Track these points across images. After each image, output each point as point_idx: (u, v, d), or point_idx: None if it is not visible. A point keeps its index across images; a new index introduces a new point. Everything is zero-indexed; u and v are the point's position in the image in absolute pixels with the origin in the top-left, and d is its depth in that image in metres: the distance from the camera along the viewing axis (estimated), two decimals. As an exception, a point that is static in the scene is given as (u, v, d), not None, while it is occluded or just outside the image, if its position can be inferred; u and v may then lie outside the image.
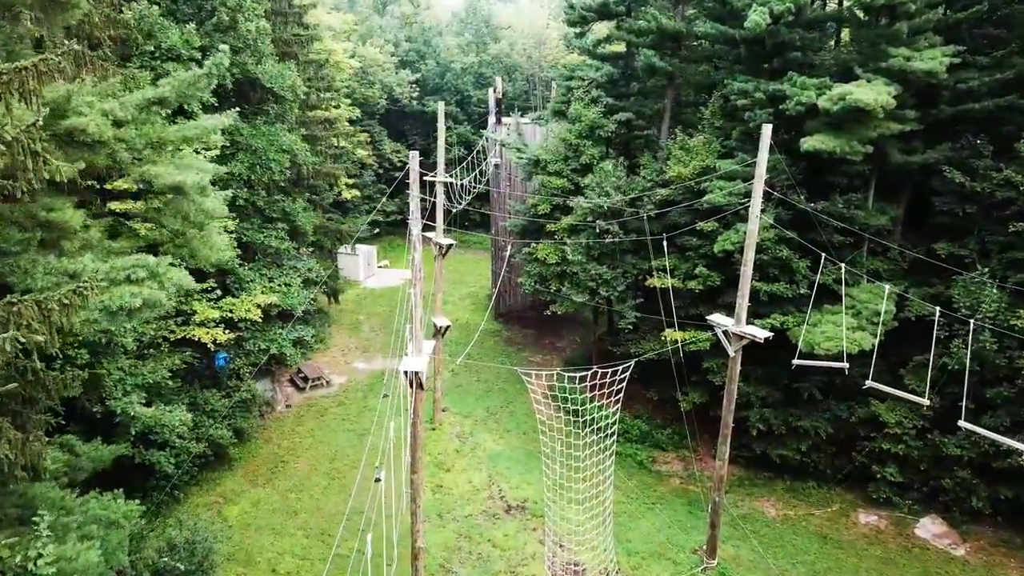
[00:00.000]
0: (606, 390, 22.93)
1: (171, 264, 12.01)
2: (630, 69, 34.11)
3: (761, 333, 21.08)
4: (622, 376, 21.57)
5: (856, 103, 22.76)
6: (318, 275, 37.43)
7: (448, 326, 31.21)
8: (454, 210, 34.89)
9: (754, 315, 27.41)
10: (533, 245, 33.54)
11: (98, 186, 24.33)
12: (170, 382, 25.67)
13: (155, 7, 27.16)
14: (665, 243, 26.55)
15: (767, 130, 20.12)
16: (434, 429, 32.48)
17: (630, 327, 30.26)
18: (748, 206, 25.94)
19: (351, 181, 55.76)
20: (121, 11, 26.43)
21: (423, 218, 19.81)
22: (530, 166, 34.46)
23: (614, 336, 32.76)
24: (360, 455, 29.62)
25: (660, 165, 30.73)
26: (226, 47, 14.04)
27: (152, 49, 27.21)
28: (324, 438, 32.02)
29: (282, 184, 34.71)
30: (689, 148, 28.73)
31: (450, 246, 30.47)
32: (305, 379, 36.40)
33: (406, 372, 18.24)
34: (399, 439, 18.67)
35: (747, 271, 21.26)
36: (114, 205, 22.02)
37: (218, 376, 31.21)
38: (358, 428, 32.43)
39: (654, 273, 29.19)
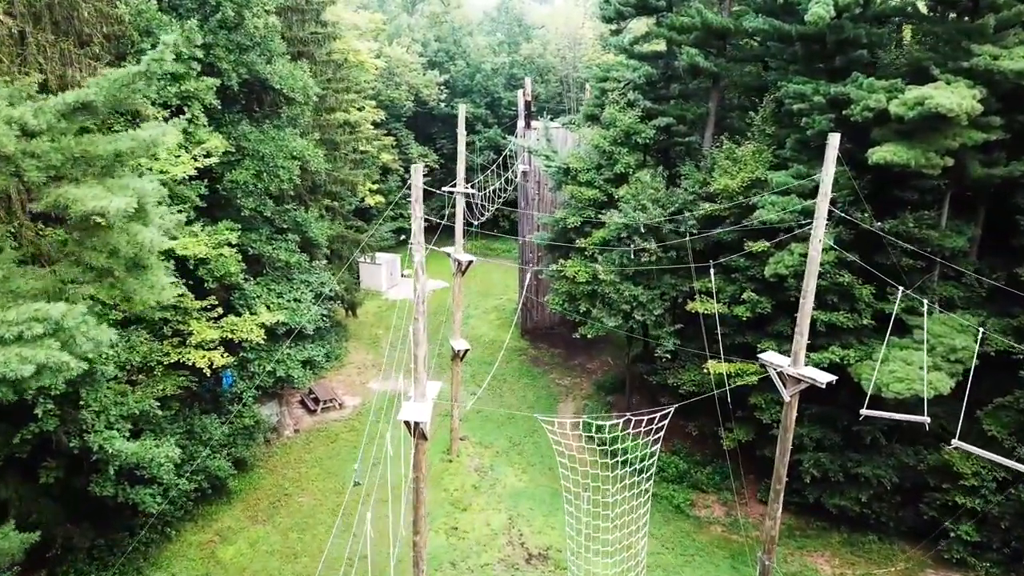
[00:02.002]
0: (643, 427, 20.15)
1: (95, 313, 9.56)
2: (670, 69, 31.15)
3: (823, 377, 18.05)
4: (659, 424, 18.73)
5: (936, 108, 19.61)
6: (333, 289, 35.10)
7: (467, 350, 28.61)
8: (475, 224, 32.35)
9: (810, 347, 24.31)
10: (561, 261, 30.73)
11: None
12: (159, 411, 23.40)
13: (152, 1, 24.98)
14: (712, 267, 23.55)
15: (834, 141, 17.10)
16: (451, 461, 29.88)
17: (668, 356, 27.29)
18: (806, 225, 22.98)
19: (375, 186, 53.53)
20: (115, 6, 24.29)
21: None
22: (559, 175, 31.68)
23: (650, 362, 29.83)
24: (370, 488, 27.13)
25: (703, 175, 27.75)
26: (170, 38, 11.58)
27: (149, 47, 24.95)
28: (332, 468, 29.60)
29: (291, 193, 32.42)
30: (737, 158, 25.73)
31: (470, 263, 27.83)
32: (316, 401, 34.06)
33: (406, 422, 15.62)
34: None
35: (807, 305, 18.25)
36: (29, 233, 18.69)
37: (220, 399, 28.98)
38: (368, 457, 29.93)
39: (696, 296, 26.24)
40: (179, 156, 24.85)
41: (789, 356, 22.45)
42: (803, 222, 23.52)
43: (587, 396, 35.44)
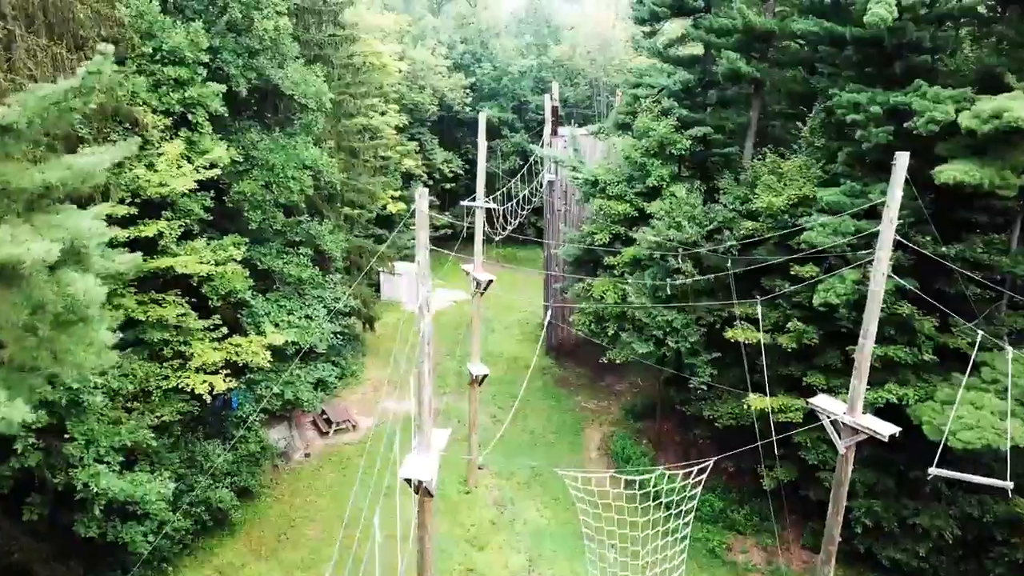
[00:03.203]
0: (680, 468, 18.13)
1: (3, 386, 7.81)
2: (707, 75, 28.98)
3: (885, 428, 15.85)
4: (697, 478, 16.68)
5: (1016, 123, 17.28)
6: (348, 304, 33.42)
7: (486, 375, 26.71)
8: (495, 239, 30.48)
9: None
10: (588, 280, 28.70)
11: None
12: (154, 442, 21.80)
13: (154, 2, 23.45)
14: (758, 300, 21.39)
15: (902, 161, 14.94)
16: (468, 492, 27.98)
17: (704, 387, 25.12)
18: (859, 249, 20.78)
19: (397, 193, 51.88)
20: (114, 7, 22.76)
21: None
22: (587, 187, 29.65)
23: (683, 389, 27.59)
24: (384, 523, 25.30)
25: (744, 190, 25.55)
26: (110, 47, 9.82)
27: (151, 51, 23.49)
28: (343, 496, 27.79)
29: (302, 205, 30.80)
30: (782, 173, 23.51)
31: (490, 282, 25.94)
32: (329, 422, 32.38)
33: (408, 480, 13.73)
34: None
35: (867, 346, 16.06)
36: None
37: (224, 423, 27.41)
38: (380, 486, 28.10)
39: (736, 323, 24.07)
40: (180, 167, 23.29)
41: (838, 393, 20.33)
42: (856, 245, 21.33)
43: (615, 422, 33.33)
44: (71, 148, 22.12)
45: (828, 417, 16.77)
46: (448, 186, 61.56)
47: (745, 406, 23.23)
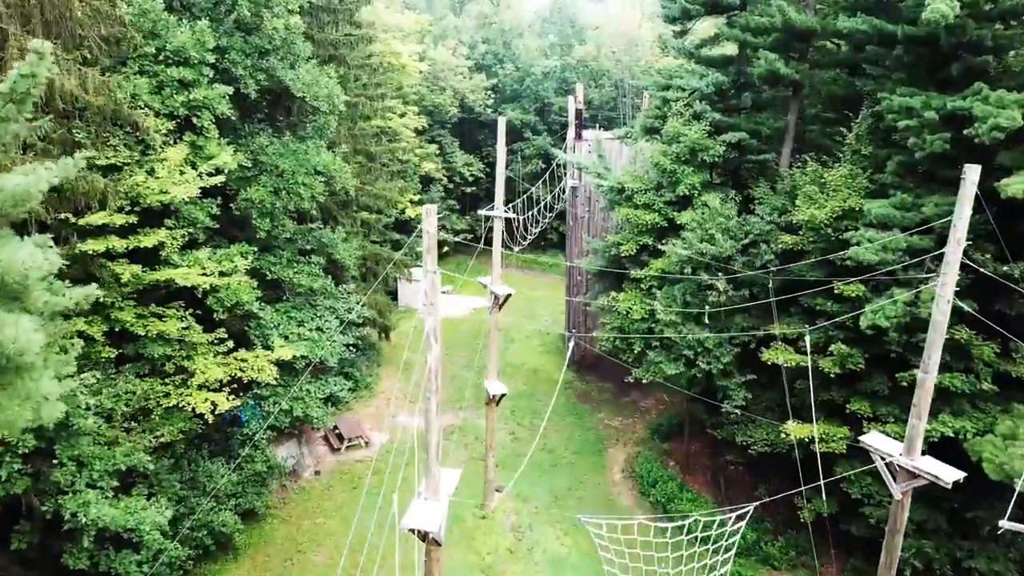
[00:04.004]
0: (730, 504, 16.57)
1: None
2: (742, 76, 27.29)
3: (948, 474, 14.11)
4: (736, 526, 15.09)
5: (1096, 130, 15.48)
6: (362, 315, 32.11)
7: (503, 394, 25.22)
8: (515, 249, 28.99)
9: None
10: (613, 294, 27.10)
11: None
12: (151, 465, 20.57)
13: (159, 0, 22.23)
14: (807, 329, 19.69)
15: (972, 175, 13.21)
16: (484, 517, 26.51)
17: (737, 411, 23.46)
18: (910, 266, 19.04)
19: (416, 197, 50.54)
20: (115, 4, 21.59)
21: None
22: (613, 194, 28.04)
23: (714, 411, 25.96)
24: (391, 549, 23.91)
25: (782, 200, 23.84)
26: (47, 44, 8.44)
27: (154, 51, 22.29)
28: (352, 518, 26.46)
29: (313, 212, 29.55)
30: (825, 183, 21.77)
31: (508, 296, 24.45)
32: (341, 438, 31.10)
33: (413, 530, 12.28)
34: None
35: (928, 380, 14.32)
36: None
37: (230, 441, 26.20)
38: (390, 506, 26.75)
39: (775, 341, 22.41)
40: (184, 173, 22.05)
41: (885, 422, 18.64)
42: (907, 262, 19.57)
43: (640, 441, 31.70)
44: (68, 154, 21.09)
45: (882, 459, 15.06)
46: (468, 190, 60.16)
47: (783, 434, 21.51)
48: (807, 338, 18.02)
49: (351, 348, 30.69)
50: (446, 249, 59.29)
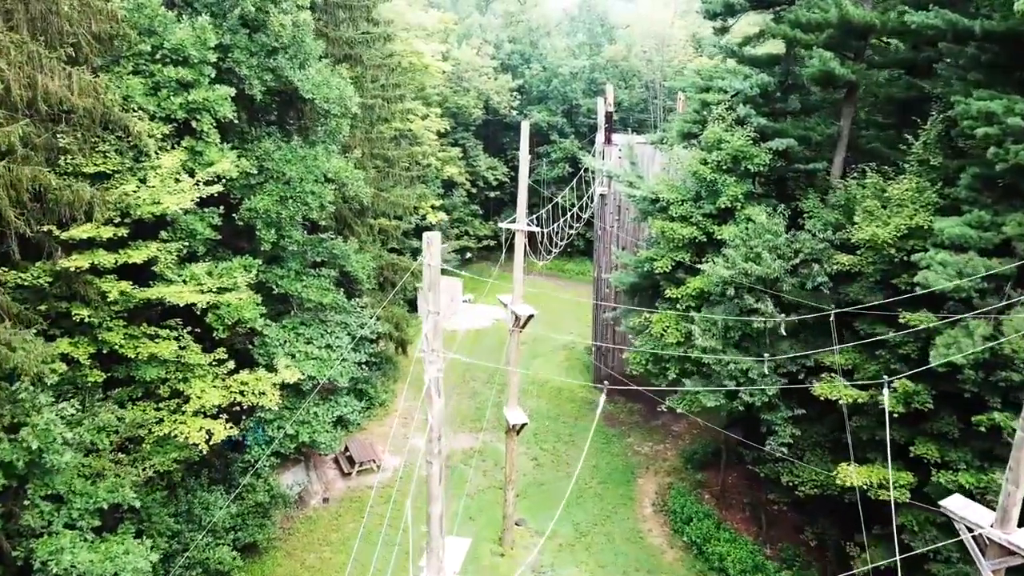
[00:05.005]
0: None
1: None
2: (790, 77, 24.98)
3: (1056, 554, 11.80)
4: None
5: None
6: (375, 331, 30.23)
7: (524, 424, 23.17)
8: (539, 264, 26.92)
9: (988, 456, 17.96)
10: (646, 315, 24.93)
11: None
12: (137, 502, 18.77)
13: (155, -5, 20.51)
14: (888, 381, 17.37)
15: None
16: (503, 555, 24.46)
17: (784, 449, 21.17)
18: (989, 295, 16.66)
19: (438, 203, 48.71)
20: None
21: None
22: (646, 205, 25.86)
23: (757, 451, 23.62)
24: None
25: (835, 215, 21.51)
26: None
27: (150, 49, 20.56)
28: (362, 553, 24.52)
29: (323, 222, 27.77)
30: (889, 197, 19.40)
31: (530, 317, 22.40)
32: (352, 461, 29.25)
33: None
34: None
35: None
36: None
37: (231, 468, 24.47)
38: (404, 540, 24.83)
39: (827, 373, 20.12)
40: (179, 181, 20.26)
41: (956, 469, 16.36)
42: (985, 289, 17.21)
43: (671, 470, 29.45)
44: (51, 160, 19.43)
45: (968, 528, 12.77)
46: (492, 194, 58.21)
47: (838, 479, 19.19)
48: (886, 392, 15.59)
49: (364, 366, 28.80)
50: (469, 255, 57.49)
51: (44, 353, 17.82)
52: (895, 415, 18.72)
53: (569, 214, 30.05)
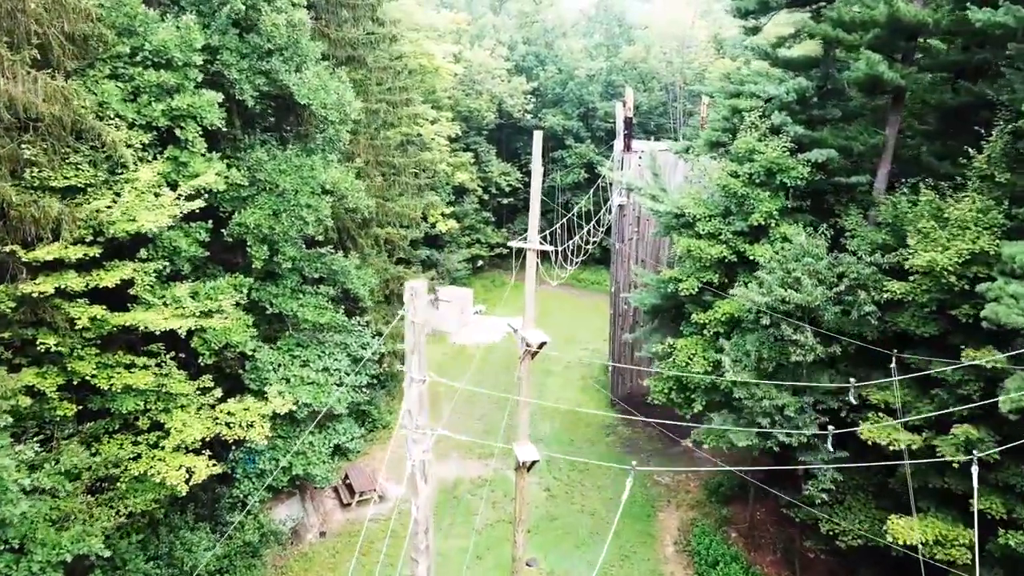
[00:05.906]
0: None
1: None
2: (828, 81, 22.88)
3: None
4: None
5: None
6: (377, 352, 28.37)
7: (535, 461, 21.06)
8: (554, 283, 24.99)
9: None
10: (670, 340, 22.90)
11: None
12: (106, 552, 16.98)
13: (136, -8, 18.73)
14: (971, 458, 15.26)
15: None
16: (512, 601, 22.44)
17: (824, 494, 19.07)
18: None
19: (448, 210, 46.89)
20: (80, -3, 18.08)
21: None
22: (670, 219, 23.83)
23: (787, 483, 21.61)
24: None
25: (881, 235, 19.39)
26: None
27: (129, 51, 18.78)
28: (359, 595, 22.76)
29: (319, 236, 25.98)
30: (948, 217, 17.26)
31: (543, 344, 20.32)
32: (352, 491, 27.35)
33: None
34: None
35: None
36: None
37: (218, 503, 22.68)
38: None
39: (876, 411, 18.04)
40: (158, 195, 18.45)
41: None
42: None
43: (695, 504, 27.36)
44: (17, 173, 17.72)
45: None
46: (505, 201, 56.33)
47: (888, 536, 17.08)
48: (975, 472, 13.43)
49: (365, 389, 26.92)
50: (480, 263, 55.65)
51: (4, 387, 16.19)
52: (956, 465, 16.62)
53: (585, 229, 28.09)
